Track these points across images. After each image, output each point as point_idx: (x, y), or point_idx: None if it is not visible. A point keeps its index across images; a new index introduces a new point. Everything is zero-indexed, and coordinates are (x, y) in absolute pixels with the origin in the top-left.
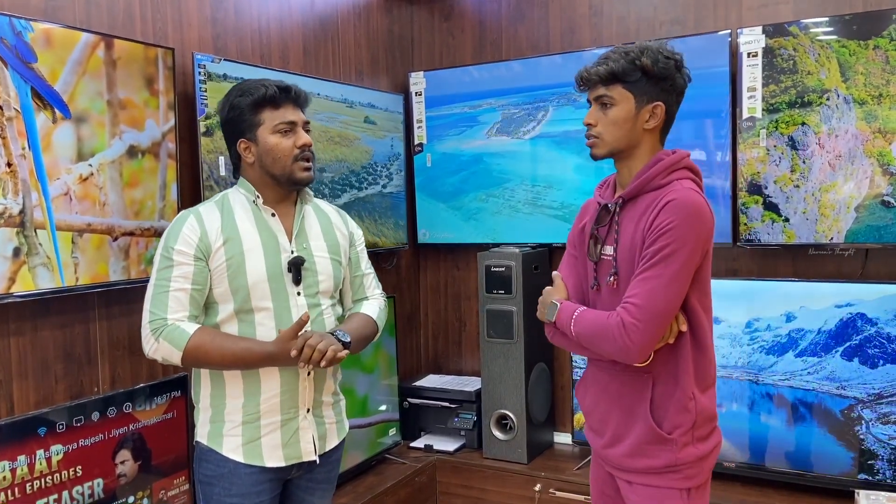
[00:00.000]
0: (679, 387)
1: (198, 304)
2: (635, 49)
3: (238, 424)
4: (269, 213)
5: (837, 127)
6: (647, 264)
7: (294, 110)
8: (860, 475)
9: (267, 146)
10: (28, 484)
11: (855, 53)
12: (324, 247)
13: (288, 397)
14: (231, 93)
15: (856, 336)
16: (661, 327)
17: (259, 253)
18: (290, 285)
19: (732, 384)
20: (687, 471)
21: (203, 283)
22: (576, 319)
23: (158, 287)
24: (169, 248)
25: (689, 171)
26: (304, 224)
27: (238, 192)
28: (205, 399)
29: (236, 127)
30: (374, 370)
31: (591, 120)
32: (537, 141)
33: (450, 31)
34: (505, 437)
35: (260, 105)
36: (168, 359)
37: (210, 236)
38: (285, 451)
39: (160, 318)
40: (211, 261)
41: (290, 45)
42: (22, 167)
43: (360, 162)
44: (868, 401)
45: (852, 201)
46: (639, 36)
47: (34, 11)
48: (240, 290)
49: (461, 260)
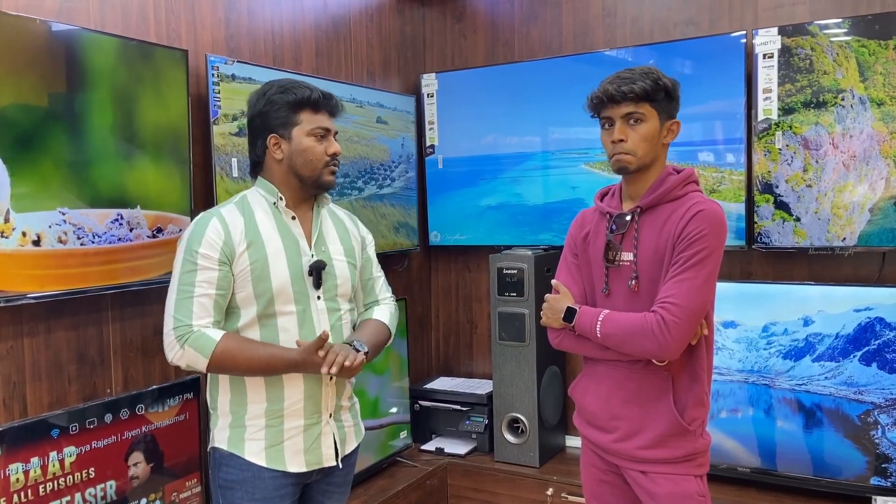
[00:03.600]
0: (697, 383)
1: (221, 309)
2: (651, 71)
3: (261, 428)
4: (289, 216)
5: (852, 127)
6: (682, 268)
7: (330, 119)
8: (877, 481)
9: (301, 147)
10: (41, 486)
11: (875, 53)
12: (341, 250)
13: (311, 402)
14: (269, 88)
15: (874, 341)
16: (696, 325)
17: (282, 257)
18: (310, 289)
19: (749, 388)
20: (700, 458)
21: (227, 288)
22: (603, 321)
23: (182, 292)
24: (193, 252)
25: (696, 185)
26: (322, 228)
27: (257, 193)
28: (224, 405)
29: (270, 121)
30: (386, 372)
31: (622, 136)
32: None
33: (462, 32)
34: (516, 440)
35: (301, 105)
36: (193, 366)
37: (234, 239)
38: (307, 457)
39: (185, 325)
40: (235, 265)
41: (302, 46)
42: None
43: (372, 162)
44: (885, 405)
45: (866, 202)
46: (653, 38)
47: (48, 13)
48: (264, 294)
49: (472, 262)
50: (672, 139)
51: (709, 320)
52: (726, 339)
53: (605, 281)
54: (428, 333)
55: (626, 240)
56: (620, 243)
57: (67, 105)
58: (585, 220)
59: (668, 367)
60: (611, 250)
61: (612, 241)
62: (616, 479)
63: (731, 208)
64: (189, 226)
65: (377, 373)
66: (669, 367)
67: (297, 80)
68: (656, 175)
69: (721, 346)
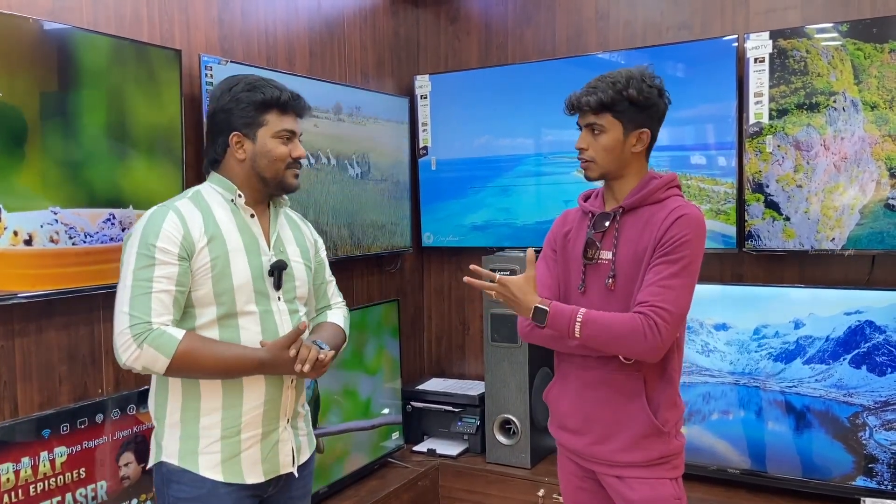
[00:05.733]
0: (670, 384)
1: (180, 307)
2: (622, 79)
3: (216, 440)
4: (248, 213)
5: (844, 129)
6: (669, 272)
7: (296, 121)
8: (866, 482)
9: (265, 149)
10: (31, 486)
11: (870, 56)
12: (297, 252)
13: (270, 407)
14: (235, 83)
15: (864, 344)
16: (680, 328)
17: (242, 254)
18: (271, 290)
19: (739, 390)
20: (675, 461)
21: (186, 285)
22: (583, 323)
23: (138, 287)
24: (150, 246)
25: (678, 189)
26: (280, 229)
27: (212, 188)
28: (173, 413)
29: (234, 119)
30: (378, 373)
31: (583, 145)
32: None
33: (456, 34)
34: (508, 441)
35: (268, 106)
36: (150, 367)
37: (193, 234)
38: (264, 466)
39: (143, 322)
40: (194, 261)
41: (296, 47)
42: None
43: (365, 162)
44: (874, 408)
45: (857, 203)
46: (646, 41)
47: (41, 12)
48: (225, 292)
49: (465, 263)
50: (642, 148)
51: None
52: (717, 341)
53: (581, 278)
54: (420, 334)
55: (606, 239)
56: (600, 242)
57: (60, 104)
58: (568, 219)
59: (639, 368)
60: (590, 248)
61: (593, 239)
62: (594, 486)
63: (723, 209)
64: (140, 219)
65: (369, 373)
66: (640, 368)
67: (265, 77)
68: (635, 181)
69: (713, 348)
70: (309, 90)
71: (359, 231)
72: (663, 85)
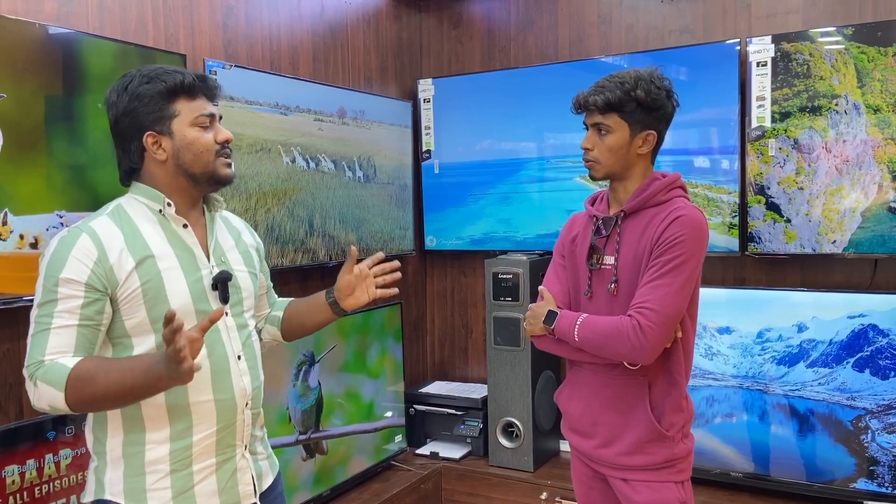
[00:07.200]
0: (675, 388)
1: (89, 341)
2: (630, 79)
3: (165, 475)
4: (180, 223)
5: (846, 132)
6: (659, 273)
7: (210, 103)
8: (867, 485)
9: (186, 140)
10: (37, 488)
11: (874, 60)
12: (240, 260)
13: (225, 434)
14: (129, 80)
15: (867, 347)
16: (671, 330)
17: (178, 273)
18: (216, 305)
19: (743, 394)
20: (680, 465)
21: (96, 318)
22: (581, 325)
23: (38, 325)
24: (52, 279)
25: (682, 190)
26: (218, 235)
27: (135, 200)
28: (115, 449)
29: (141, 119)
30: (380, 376)
31: (588, 145)
32: (546, 151)
33: (458, 38)
34: (511, 444)
35: (174, 93)
36: (54, 405)
37: (111, 259)
38: (223, 498)
39: (36, 362)
40: (120, 288)
41: (299, 51)
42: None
43: (368, 166)
44: (877, 411)
45: (858, 206)
46: (648, 45)
47: (47, 17)
48: (161, 319)
49: (468, 267)
50: (648, 150)
51: (684, 325)
52: (721, 344)
53: (588, 284)
54: (423, 337)
55: (609, 244)
56: (604, 247)
57: (65, 109)
58: (575, 224)
59: (644, 372)
60: (594, 254)
61: (596, 244)
62: (605, 487)
63: (725, 213)
64: (50, 243)
65: (372, 376)
66: (645, 373)
67: (161, 65)
68: (639, 182)
69: (716, 352)
70: (313, 94)
71: (367, 236)
72: (672, 87)
